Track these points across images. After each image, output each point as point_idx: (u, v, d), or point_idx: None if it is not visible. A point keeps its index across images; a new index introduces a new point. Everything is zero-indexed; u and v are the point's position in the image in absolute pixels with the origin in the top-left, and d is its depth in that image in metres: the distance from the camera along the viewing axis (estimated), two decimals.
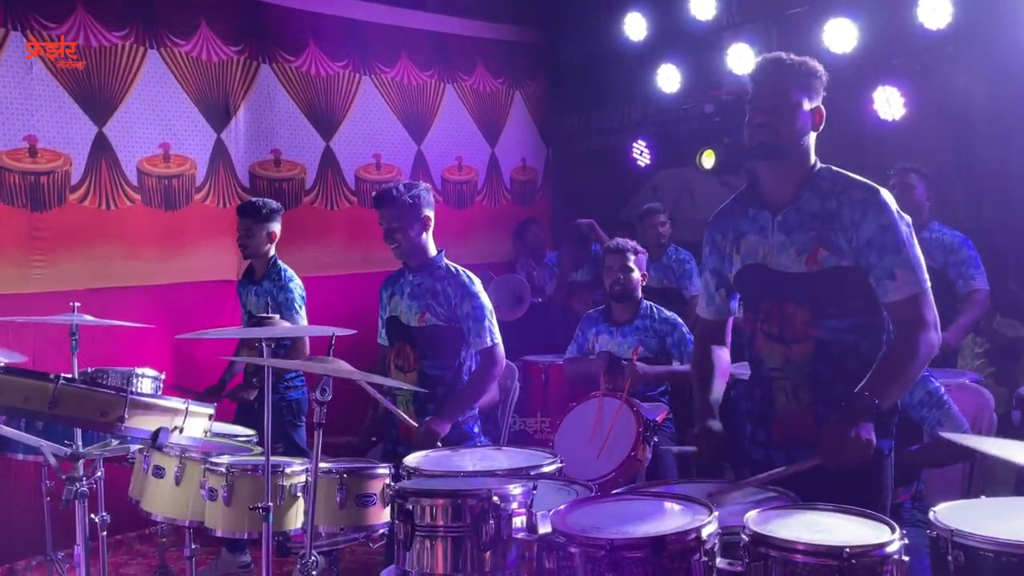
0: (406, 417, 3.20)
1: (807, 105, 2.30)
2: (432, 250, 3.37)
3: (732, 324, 2.67)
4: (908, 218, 2.28)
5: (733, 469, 4.75)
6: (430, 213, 3.33)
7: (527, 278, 6.35)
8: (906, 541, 1.72)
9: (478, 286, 3.32)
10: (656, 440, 3.81)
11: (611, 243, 4.17)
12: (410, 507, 1.77)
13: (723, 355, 2.60)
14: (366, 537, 3.27)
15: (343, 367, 2.16)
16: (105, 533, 3.56)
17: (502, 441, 4.52)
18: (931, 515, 1.89)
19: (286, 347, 4.13)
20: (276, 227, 4.42)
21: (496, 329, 3.31)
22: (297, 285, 4.35)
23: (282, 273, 4.36)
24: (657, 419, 3.84)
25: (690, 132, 6.20)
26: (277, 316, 2.43)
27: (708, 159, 5.86)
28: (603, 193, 6.96)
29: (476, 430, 3.42)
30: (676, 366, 4.08)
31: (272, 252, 4.42)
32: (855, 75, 5.13)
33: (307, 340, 4.13)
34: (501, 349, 3.30)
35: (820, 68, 2.34)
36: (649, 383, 4.08)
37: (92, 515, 3.54)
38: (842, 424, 2.09)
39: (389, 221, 3.28)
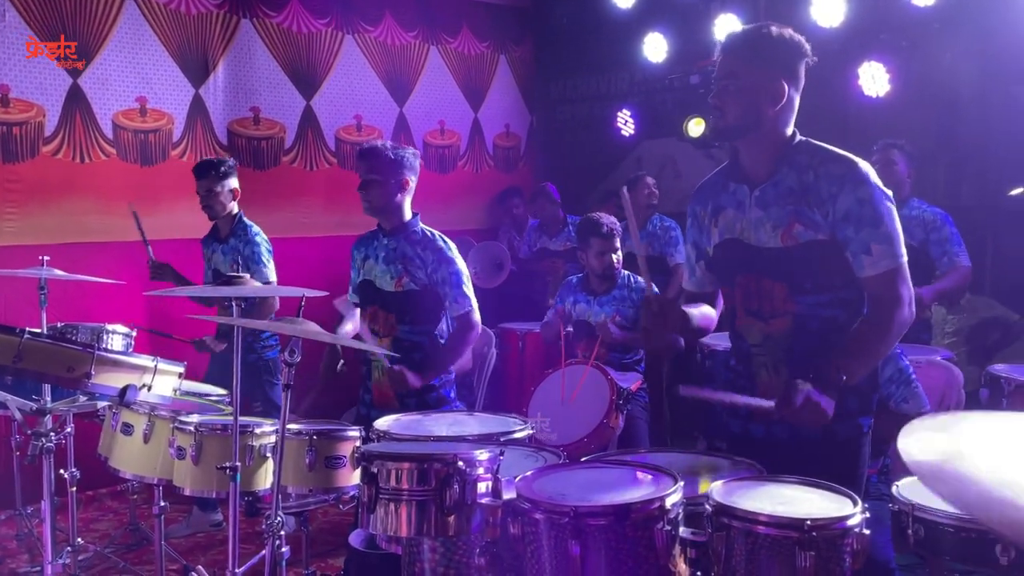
0: (383, 351, 3.18)
1: (760, 82, 2.22)
2: (408, 214, 3.34)
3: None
4: (889, 192, 2.26)
5: (706, 440, 4.81)
6: (411, 177, 3.29)
7: (508, 246, 6.33)
8: (867, 515, 1.73)
9: (454, 251, 3.30)
10: (629, 408, 3.85)
11: (604, 227, 4.11)
12: (375, 470, 1.76)
13: (708, 309, 2.57)
14: (336, 499, 3.29)
15: (312, 328, 2.14)
16: (75, 489, 3.55)
17: (477, 407, 4.53)
18: (893, 489, 1.91)
19: (253, 303, 4.09)
20: (235, 183, 4.36)
21: (472, 294, 3.29)
22: (263, 239, 4.31)
23: (248, 229, 4.32)
24: (631, 388, 3.87)
25: (675, 102, 6.16)
26: (247, 275, 2.39)
27: (696, 127, 5.82)
28: (587, 162, 6.92)
29: (452, 395, 3.42)
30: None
31: (236, 209, 4.37)
32: (841, 50, 5.10)
33: (276, 297, 4.08)
34: (477, 314, 3.29)
35: (787, 35, 2.26)
36: (623, 350, 4.09)
37: (61, 471, 3.53)
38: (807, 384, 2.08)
39: (367, 172, 3.25)
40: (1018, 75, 5.07)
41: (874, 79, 5.13)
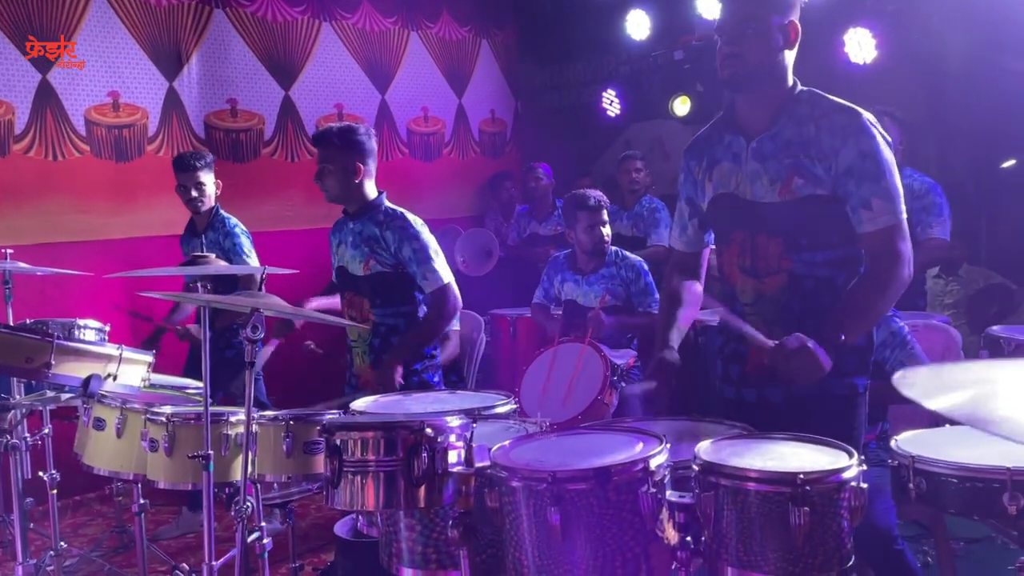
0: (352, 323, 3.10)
1: (778, 23, 2.15)
2: (371, 194, 3.24)
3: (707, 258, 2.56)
4: (890, 138, 2.16)
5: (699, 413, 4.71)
6: (363, 162, 3.17)
7: (496, 232, 6.23)
8: (864, 467, 1.62)
9: (418, 226, 3.18)
10: (623, 385, 3.74)
11: (591, 200, 4.01)
12: (338, 442, 1.65)
13: (694, 288, 2.49)
14: (320, 488, 3.18)
15: (276, 302, 2.04)
16: (55, 491, 3.44)
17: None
18: (892, 443, 1.81)
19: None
20: (214, 176, 4.28)
21: (444, 267, 3.18)
22: (243, 231, 4.22)
23: (226, 221, 4.22)
24: (624, 364, 3.77)
25: (661, 82, 6.07)
26: (213, 255, 2.29)
27: (682, 105, 5.74)
28: (575, 146, 6.82)
29: (436, 380, 3.32)
30: (636, 317, 3.99)
31: (215, 203, 4.27)
32: (827, 16, 5.00)
33: (257, 279, 3.98)
34: (454, 287, 3.19)
35: None
36: (613, 332, 3.98)
37: (41, 473, 3.43)
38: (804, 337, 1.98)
39: (320, 160, 3.17)
40: (1006, 40, 4.97)
41: (860, 46, 5.03)
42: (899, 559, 2.60)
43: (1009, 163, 5.79)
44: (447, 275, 3.17)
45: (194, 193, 4.18)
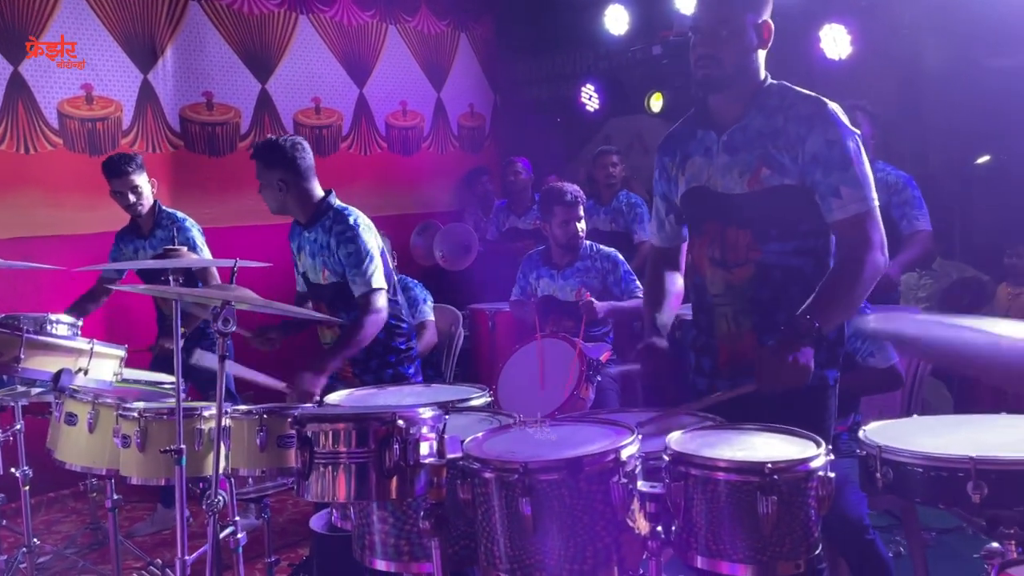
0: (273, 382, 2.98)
1: (753, 21, 2.16)
2: (316, 197, 3.14)
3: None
4: (858, 131, 2.18)
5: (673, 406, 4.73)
6: (291, 178, 3.06)
7: (475, 227, 6.22)
8: (832, 457, 1.64)
9: (361, 228, 3.07)
10: (600, 379, 3.75)
11: (568, 195, 4.01)
12: (309, 434, 1.65)
13: (676, 279, 2.51)
14: (294, 482, 3.17)
15: (247, 295, 2.02)
16: (28, 488, 3.40)
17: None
18: (860, 433, 1.82)
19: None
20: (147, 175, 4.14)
21: (378, 273, 3.06)
22: (193, 224, 4.13)
23: (174, 216, 4.12)
24: (600, 358, 3.78)
25: (640, 77, 6.08)
26: (185, 248, 2.27)
27: (656, 102, 5.76)
28: (554, 141, 6.82)
29: (412, 372, 3.31)
30: (625, 303, 4.00)
31: (154, 200, 4.16)
32: (803, 12, 5.03)
33: (216, 274, 3.91)
34: (381, 296, 3.05)
35: None
36: (597, 322, 3.99)
37: (13, 469, 3.39)
38: (780, 348, 1.98)
39: (256, 175, 3.12)
40: (981, 37, 5.02)
41: (836, 41, 5.07)
42: (870, 549, 2.63)
43: (983, 159, 5.87)
44: (378, 281, 3.05)
45: (132, 198, 4.04)
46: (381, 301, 3.03)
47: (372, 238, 3.10)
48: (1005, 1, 4.63)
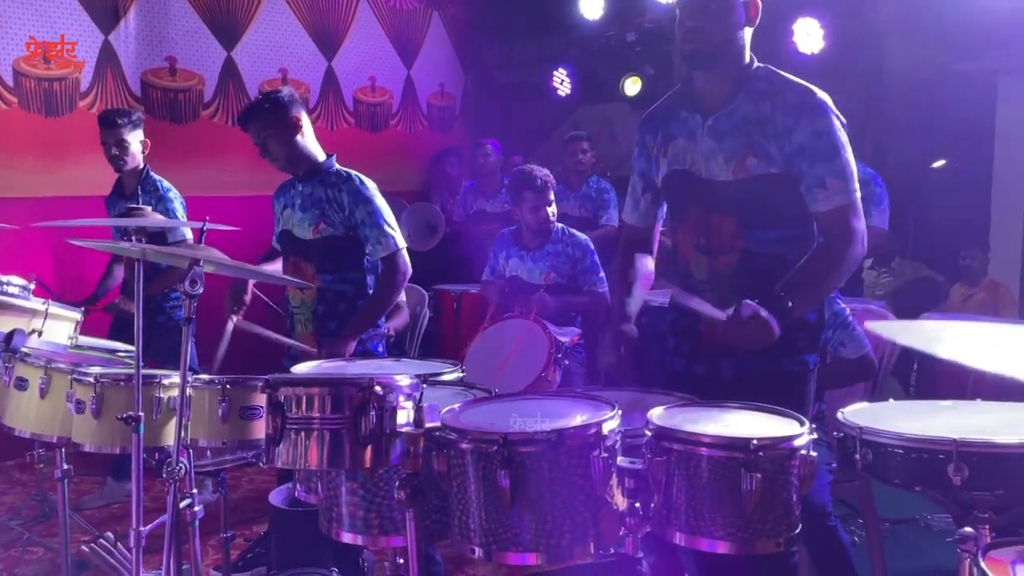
0: (301, 345, 3.01)
1: None
2: (320, 155, 3.15)
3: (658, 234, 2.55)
4: (844, 119, 2.17)
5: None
6: (298, 114, 3.08)
7: (442, 208, 6.15)
8: (815, 436, 1.63)
9: (373, 189, 3.10)
10: (567, 363, 3.73)
11: (538, 180, 3.96)
12: (282, 398, 1.58)
13: (646, 263, 2.48)
14: (256, 456, 3.08)
15: (216, 255, 1.95)
16: None
17: None
18: (839, 415, 1.82)
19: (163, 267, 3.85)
20: (142, 135, 4.09)
21: (398, 234, 3.11)
22: (176, 195, 4.06)
23: (158, 184, 4.05)
24: (568, 341, 3.75)
25: (612, 64, 6.05)
26: (148, 208, 2.18)
27: (633, 86, 5.74)
28: (524, 126, 6.77)
29: (380, 350, 3.25)
30: (580, 296, 3.98)
31: (143, 164, 4.09)
32: (778, 4, 5.05)
33: (190, 241, 3.83)
34: (405, 255, 3.11)
35: None
36: (558, 311, 3.96)
37: None
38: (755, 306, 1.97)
39: (258, 135, 3.05)
40: (948, 41, 5.09)
41: (809, 36, 5.09)
42: (832, 535, 2.65)
43: (939, 163, 5.98)
44: (400, 241, 3.10)
45: (115, 151, 3.99)
46: (405, 259, 3.09)
47: (383, 199, 3.13)
48: (974, 8, 4.70)
